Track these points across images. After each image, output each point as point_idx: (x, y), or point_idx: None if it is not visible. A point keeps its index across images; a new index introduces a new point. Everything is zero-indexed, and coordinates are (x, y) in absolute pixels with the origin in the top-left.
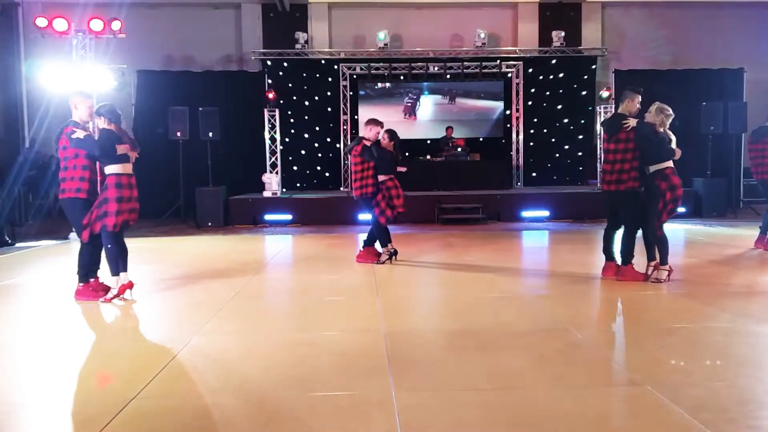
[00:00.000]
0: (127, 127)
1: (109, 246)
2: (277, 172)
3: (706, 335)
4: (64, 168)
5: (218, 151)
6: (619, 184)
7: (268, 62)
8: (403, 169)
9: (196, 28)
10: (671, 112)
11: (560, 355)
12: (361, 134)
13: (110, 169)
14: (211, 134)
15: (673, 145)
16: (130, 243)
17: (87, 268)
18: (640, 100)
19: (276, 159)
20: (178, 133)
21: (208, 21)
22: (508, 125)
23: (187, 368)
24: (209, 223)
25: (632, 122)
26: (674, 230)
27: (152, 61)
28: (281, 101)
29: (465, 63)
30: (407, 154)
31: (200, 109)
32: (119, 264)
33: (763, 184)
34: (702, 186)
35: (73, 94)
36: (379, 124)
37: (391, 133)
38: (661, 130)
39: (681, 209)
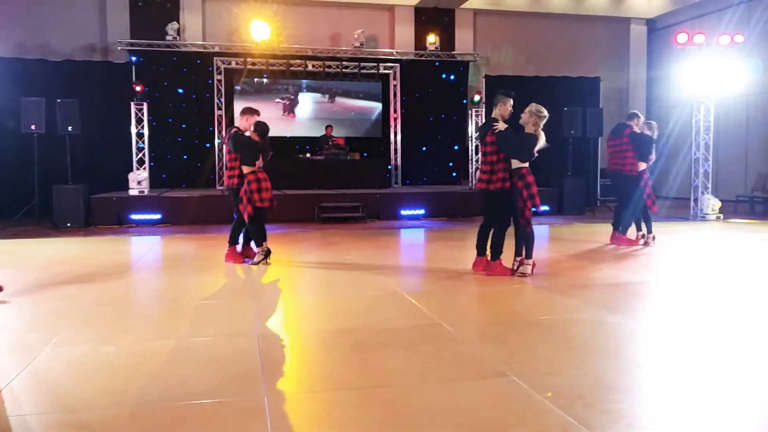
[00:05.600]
0: None
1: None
2: (144, 168)
3: (567, 326)
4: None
5: (79, 146)
6: (489, 184)
7: (136, 53)
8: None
9: (53, 14)
10: (546, 113)
11: (433, 350)
12: (236, 124)
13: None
14: (70, 128)
15: (541, 142)
16: None
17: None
18: (512, 103)
19: (143, 155)
20: (33, 126)
21: (67, 6)
22: (387, 126)
23: (37, 382)
24: (68, 224)
25: (500, 125)
26: (538, 227)
27: (1, 47)
28: (150, 94)
29: (344, 63)
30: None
31: (58, 100)
32: None
33: (616, 177)
34: (563, 186)
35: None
36: (255, 112)
37: (256, 124)
38: (534, 130)
39: (545, 207)
